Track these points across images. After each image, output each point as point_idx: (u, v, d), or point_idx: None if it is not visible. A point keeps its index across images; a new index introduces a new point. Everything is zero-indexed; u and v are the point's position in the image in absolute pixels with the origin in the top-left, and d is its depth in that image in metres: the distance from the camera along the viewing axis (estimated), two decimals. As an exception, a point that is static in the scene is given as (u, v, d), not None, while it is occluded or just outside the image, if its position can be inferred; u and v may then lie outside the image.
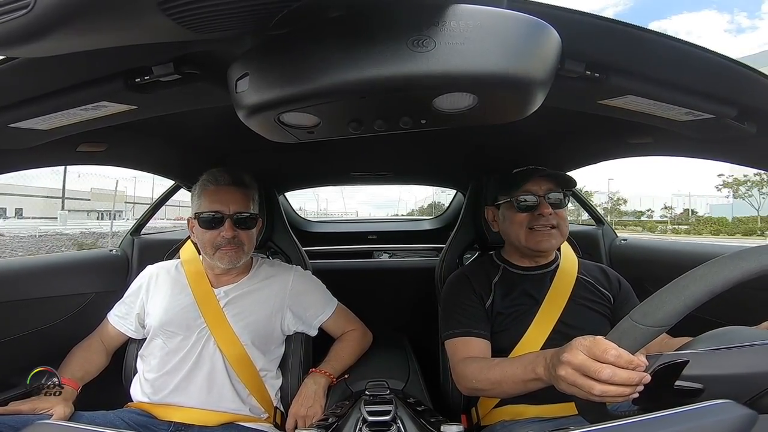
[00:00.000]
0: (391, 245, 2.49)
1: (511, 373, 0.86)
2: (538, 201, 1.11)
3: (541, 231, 1.11)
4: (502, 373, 0.89)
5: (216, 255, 1.16)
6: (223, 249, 1.16)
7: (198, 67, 0.64)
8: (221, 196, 1.17)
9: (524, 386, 0.84)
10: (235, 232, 1.16)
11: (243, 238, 1.18)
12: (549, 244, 1.11)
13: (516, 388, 0.86)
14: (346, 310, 1.37)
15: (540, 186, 1.12)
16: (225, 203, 1.16)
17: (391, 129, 0.58)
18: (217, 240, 1.15)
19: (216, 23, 0.44)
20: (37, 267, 1.30)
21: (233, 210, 1.16)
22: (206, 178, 1.19)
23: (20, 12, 0.33)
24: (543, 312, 1.08)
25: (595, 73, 0.65)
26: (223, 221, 1.15)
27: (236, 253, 1.17)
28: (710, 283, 0.54)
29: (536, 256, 1.17)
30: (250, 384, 1.16)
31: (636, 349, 0.58)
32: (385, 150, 1.70)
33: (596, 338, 0.63)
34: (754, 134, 0.81)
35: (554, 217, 1.10)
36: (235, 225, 1.16)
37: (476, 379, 0.95)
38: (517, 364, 0.86)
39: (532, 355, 0.84)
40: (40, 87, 0.67)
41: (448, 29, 0.46)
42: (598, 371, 0.60)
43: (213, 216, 1.15)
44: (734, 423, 0.44)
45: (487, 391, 0.96)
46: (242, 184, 1.21)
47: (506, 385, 0.88)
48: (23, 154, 0.92)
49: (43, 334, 1.21)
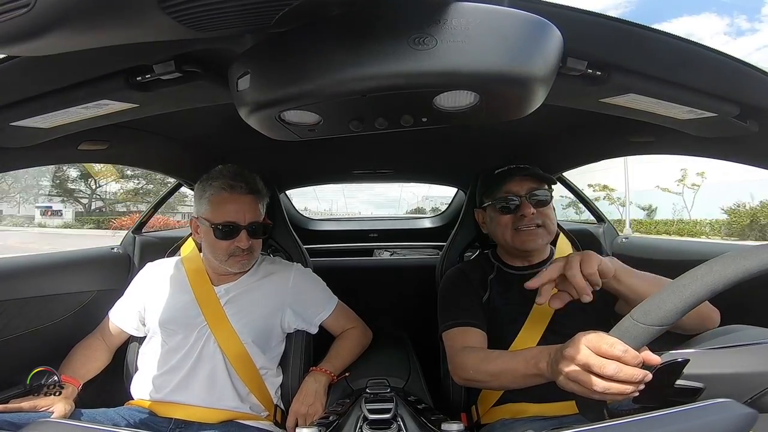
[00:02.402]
0: (392, 243, 2.49)
1: (512, 366, 0.86)
2: (519, 201, 1.11)
3: (526, 231, 1.10)
4: (503, 366, 0.89)
5: (228, 261, 1.17)
6: (236, 257, 1.17)
7: (199, 65, 0.64)
8: (236, 205, 1.15)
9: (524, 381, 0.84)
10: (250, 242, 1.17)
11: (254, 246, 1.20)
12: (535, 244, 1.11)
13: (515, 382, 0.86)
14: (346, 308, 1.37)
15: (521, 186, 1.11)
16: (240, 213, 1.15)
17: (393, 127, 0.58)
18: (231, 248, 1.16)
19: (217, 21, 0.44)
20: (38, 265, 1.30)
21: (248, 220, 1.16)
22: (220, 183, 1.16)
23: (21, 10, 0.33)
24: (536, 311, 1.07)
25: (597, 71, 0.65)
26: (239, 232, 1.15)
27: (248, 259, 1.20)
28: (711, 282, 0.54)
29: (526, 255, 1.17)
30: (251, 382, 1.16)
31: (636, 348, 0.58)
32: (386, 148, 1.70)
33: (601, 333, 0.63)
34: (756, 133, 0.81)
35: (538, 216, 1.10)
36: (250, 235, 1.17)
37: (474, 370, 0.95)
38: (519, 358, 0.85)
39: (535, 350, 0.84)
40: (41, 85, 0.67)
41: (450, 27, 0.45)
42: (603, 366, 0.59)
43: (229, 227, 1.14)
44: (734, 422, 0.44)
45: (485, 382, 0.95)
46: (257, 192, 1.20)
47: (505, 378, 0.88)
48: (24, 152, 0.92)
49: (44, 333, 1.21)
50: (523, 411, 1.03)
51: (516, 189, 1.11)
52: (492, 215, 1.18)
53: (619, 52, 0.65)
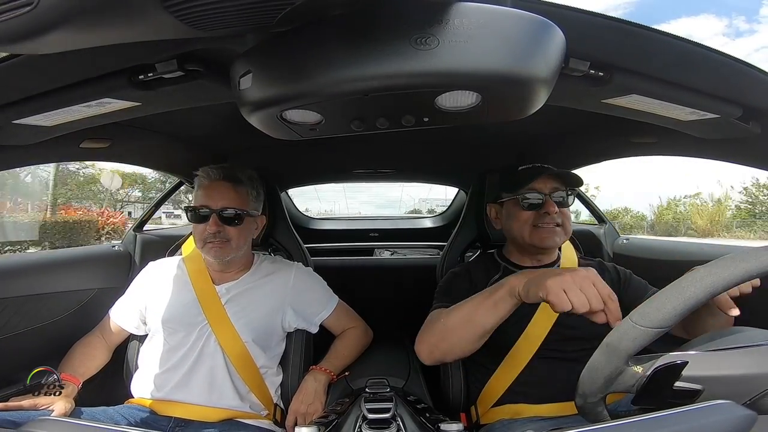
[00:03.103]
0: (393, 243, 2.49)
1: (478, 300, 0.89)
2: (543, 199, 1.12)
3: (545, 228, 1.11)
4: (468, 306, 0.91)
5: (204, 248, 1.18)
6: (209, 243, 1.17)
7: (201, 64, 0.64)
8: (211, 191, 1.18)
9: (494, 309, 0.85)
10: (219, 227, 1.16)
11: (230, 234, 1.18)
12: (553, 242, 1.12)
13: (486, 316, 0.87)
14: (346, 308, 1.37)
15: (546, 184, 1.13)
16: (213, 199, 1.17)
17: (394, 127, 0.58)
18: (204, 234, 1.17)
19: (219, 21, 0.44)
20: (39, 263, 1.30)
21: (220, 206, 1.17)
22: (201, 173, 1.20)
23: (24, 9, 0.33)
24: (542, 310, 1.08)
25: (599, 72, 0.65)
26: (209, 216, 1.16)
27: (222, 248, 1.17)
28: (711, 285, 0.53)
29: (539, 253, 1.17)
30: (251, 381, 1.16)
31: (635, 350, 0.58)
32: (387, 147, 1.70)
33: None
34: (758, 134, 0.81)
35: (559, 216, 1.11)
36: (221, 220, 1.17)
37: (444, 320, 0.95)
38: (482, 294, 0.90)
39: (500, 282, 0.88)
40: (43, 84, 0.68)
41: (452, 27, 0.45)
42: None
43: (201, 211, 1.17)
44: (733, 423, 0.44)
45: (456, 336, 0.93)
46: (234, 180, 1.20)
47: (475, 318, 0.88)
48: (27, 150, 0.92)
49: (45, 331, 1.22)
50: (522, 411, 1.03)
51: (541, 187, 1.13)
52: (511, 211, 1.18)
53: (621, 53, 0.65)
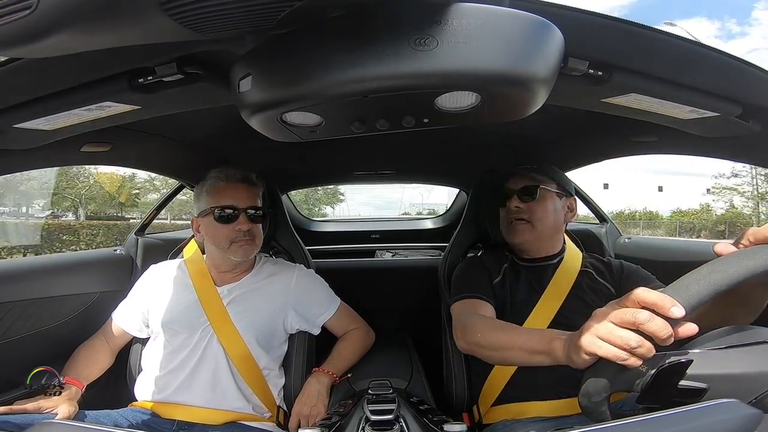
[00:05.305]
0: (394, 244, 2.49)
1: (523, 339, 0.85)
2: (511, 195, 1.16)
3: (513, 224, 1.16)
4: (514, 337, 0.88)
5: (230, 249, 1.19)
6: (238, 242, 1.18)
7: (201, 67, 0.64)
8: (233, 192, 1.20)
9: (530, 357, 0.82)
10: (250, 225, 1.19)
11: (255, 232, 1.21)
12: (517, 238, 1.15)
13: (520, 357, 0.85)
14: (349, 309, 1.37)
15: (517, 183, 1.17)
16: (237, 198, 1.19)
17: (394, 128, 0.58)
18: (232, 234, 1.18)
19: (218, 23, 0.44)
20: (41, 267, 1.30)
21: (246, 204, 1.19)
22: (216, 175, 1.22)
23: (23, 12, 0.33)
24: (544, 301, 1.09)
25: (599, 71, 0.65)
26: (238, 215, 1.18)
27: (250, 246, 1.20)
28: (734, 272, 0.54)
29: (518, 249, 1.21)
30: (254, 383, 1.16)
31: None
32: (387, 149, 1.70)
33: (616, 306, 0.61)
34: (758, 132, 0.81)
35: (524, 211, 1.14)
36: (249, 219, 1.19)
37: (483, 335, 0.94)
38: (533, 334, 0.85)
39: (551, 331, 0.82)
40: (43, 87, 0.68)
41: (451, 28, 0.45)
42: (635, 313, 0.56)
43: (228, 210, 1.18)
44: (739, 422, 0.44)
45: (488, 351, 0.93)
46: (249, 181, 1.24)
47: (513, 351, 0.86)
48: (27, 154, 0.92)
49: (47, 334, 1.22)
50: (525, 411, 1.02)
51: (512, 185, 1.17)
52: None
53: (620, 52, 0.65)
